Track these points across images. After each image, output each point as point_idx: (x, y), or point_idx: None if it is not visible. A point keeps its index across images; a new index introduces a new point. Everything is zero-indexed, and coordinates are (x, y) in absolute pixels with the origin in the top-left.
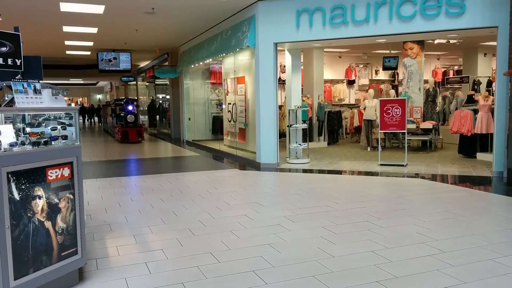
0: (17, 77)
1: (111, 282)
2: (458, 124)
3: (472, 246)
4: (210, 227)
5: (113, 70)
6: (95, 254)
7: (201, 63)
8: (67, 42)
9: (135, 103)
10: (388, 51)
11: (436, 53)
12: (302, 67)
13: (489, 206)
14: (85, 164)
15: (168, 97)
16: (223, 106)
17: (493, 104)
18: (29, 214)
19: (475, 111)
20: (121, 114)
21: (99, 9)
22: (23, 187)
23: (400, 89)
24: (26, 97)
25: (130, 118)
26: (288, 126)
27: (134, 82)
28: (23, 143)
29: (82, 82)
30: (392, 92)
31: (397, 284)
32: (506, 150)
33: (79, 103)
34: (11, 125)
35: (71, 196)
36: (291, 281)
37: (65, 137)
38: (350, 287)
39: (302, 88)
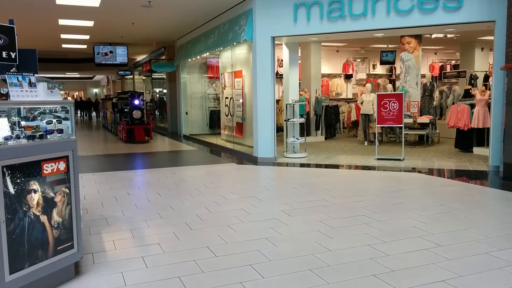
0: (12, 70)
1: (107, 276)
2: (455, 119)
3: (468, 240)
4: (207, 221)
5: (110, 63)
6: (91, 248)
7: (198, 57)
8: (63, 36)
9: (141, 97)
10: (385, 46)
11: (433, 47)
12: (299, 61)
13: (485, 200)
14: (81, 158)
15: (165, 91)
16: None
17: (489, 99)
18: (24, 208)
19: (472, 106)
20: (125, 110)
21: (95, 2)
22: (18, 181)
23: (397, 83)
24: (21, 91)
25: (137, 114)
26: (285, 120)
27: (131, 76)
28: (18, 137)
29: (78, 76)
30: (390, 86)
31: (394, 278)
32: (503, 145)
33: (75, 96)
34: (5, 119)
35: (67, 190)
36: (288, 274)
37: (60, 131)
38: (347, 281)
39: (299, 82)
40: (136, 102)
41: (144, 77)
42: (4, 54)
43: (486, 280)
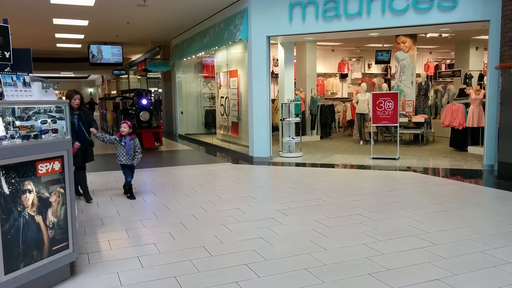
0: (6, 70)
1: (103, 277)
2: (449, 118)
3: (463, 238)
4: (202, 221)
5: (105, 63)
6: (87, 248)
7: (193, 56)
8: (57, 35)
9: (149, 95)
10: (380, 45)
11: (428, 47)
12: (295, 61)
13: (480, 199)
14: None
15: (160, 90)
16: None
17: (484, 98)
18: (19, 208)
19: (467, 105)
20: (130, 111)
21: (89, 1)
22: (13, 181)
23: (392, 83)
24: (16, 90)
25: (144, 116)
26: (281, 119)
27: (126, 76)
28: (12, 137)
29: (73, 75)
30: (385, 85)
31: (389, 277)
32: (497, 144)
33: None
34: (0, 119)
35: (62, 190)
36: (283, 274)
37: (55, 131)
38: (342, 280)
39: (295, 82)
40: (144, 101)
41: (139, 77)
42: None
43: (481, 278)
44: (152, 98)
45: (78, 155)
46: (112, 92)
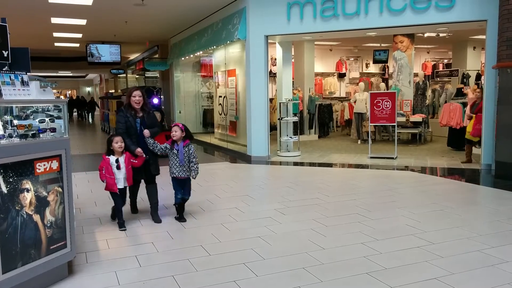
0: (4, 69)
1: (100, 276)
2: (447, 117)
3: (460, 237)
4: (200, 220)
5: (103, 62)
6: (84, 247)
7: (191, 55)
8: (55, 34)
9: (160, 94)
10: (378, 44)
11: (426, 46)
12: (293, 60)
13: (478, 198)
14: (74, 157)
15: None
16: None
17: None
18: (17, 207)
19: (464, 104)
20: None
21: (87, 0)
22: (10, 180)
23: (390, 82)
24: (14, 89)
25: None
26: (279, 119)
27: (124, 75)
28: (10, 136)
29: (71, 74)
30: (383, 85)
31: (387, 276)
32: (494, 143)
33: (68, 95)
34: None
35: (60, 189)
36: (281, 273)
37: (53, 130)
38: (340, 279)
39: (293, 81)
40: (155, 101)
41: (137, 76)
42: None
43: (478, 277)
44: (162, 96)
45: (141, 168)
46: (111, 91)
